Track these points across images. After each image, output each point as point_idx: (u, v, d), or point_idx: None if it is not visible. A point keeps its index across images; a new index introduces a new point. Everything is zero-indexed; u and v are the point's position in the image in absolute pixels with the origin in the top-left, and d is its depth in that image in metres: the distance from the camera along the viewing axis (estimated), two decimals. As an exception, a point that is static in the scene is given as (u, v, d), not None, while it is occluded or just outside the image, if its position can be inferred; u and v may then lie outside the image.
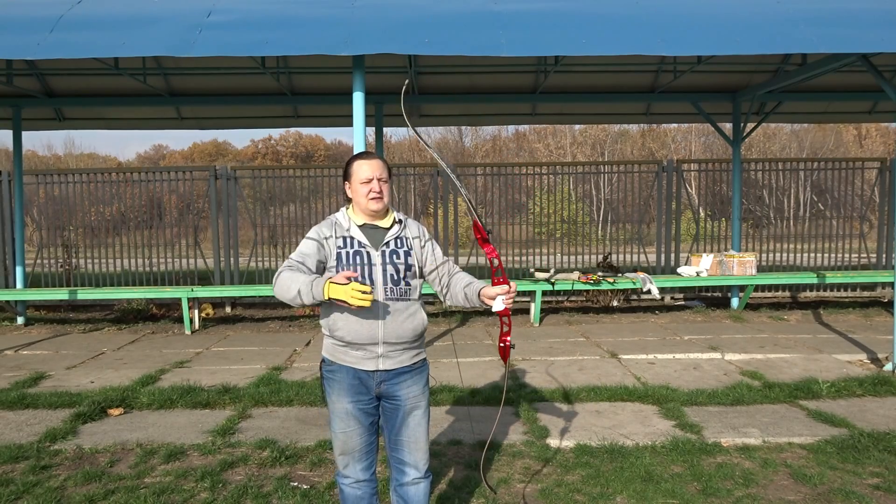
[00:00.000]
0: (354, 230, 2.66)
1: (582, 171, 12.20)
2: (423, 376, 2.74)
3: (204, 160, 40.40)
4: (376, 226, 2.69)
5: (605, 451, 4.13)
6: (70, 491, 3.67)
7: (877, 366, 6.26)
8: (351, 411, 2.63)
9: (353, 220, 2.70)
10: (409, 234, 2.73)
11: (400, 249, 2.66)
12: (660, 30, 5.92)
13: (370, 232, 2.67)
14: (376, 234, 2.67)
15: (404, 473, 2.69)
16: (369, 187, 2.63)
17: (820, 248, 11.00)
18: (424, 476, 2.71)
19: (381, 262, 2.62)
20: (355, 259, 2.61)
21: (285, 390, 5.45)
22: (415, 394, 2.68)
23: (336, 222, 2.70)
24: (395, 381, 2.64)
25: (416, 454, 2.68)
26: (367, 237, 2.65)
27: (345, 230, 2.67)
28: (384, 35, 5.82)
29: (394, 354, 2.62)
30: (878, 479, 3.73)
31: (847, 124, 32.95)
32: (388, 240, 2.66)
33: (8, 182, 10.38)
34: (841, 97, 9.76)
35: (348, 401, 2.63)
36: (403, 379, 2.66)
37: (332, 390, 2.67)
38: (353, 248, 2.63)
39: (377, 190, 2.63)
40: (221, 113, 10.67)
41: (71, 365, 6.67)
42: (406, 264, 2.65)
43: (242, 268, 10.73)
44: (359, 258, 2.61)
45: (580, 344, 7.35)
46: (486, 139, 41.50)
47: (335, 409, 2.67)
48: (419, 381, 2.71)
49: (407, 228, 2.75)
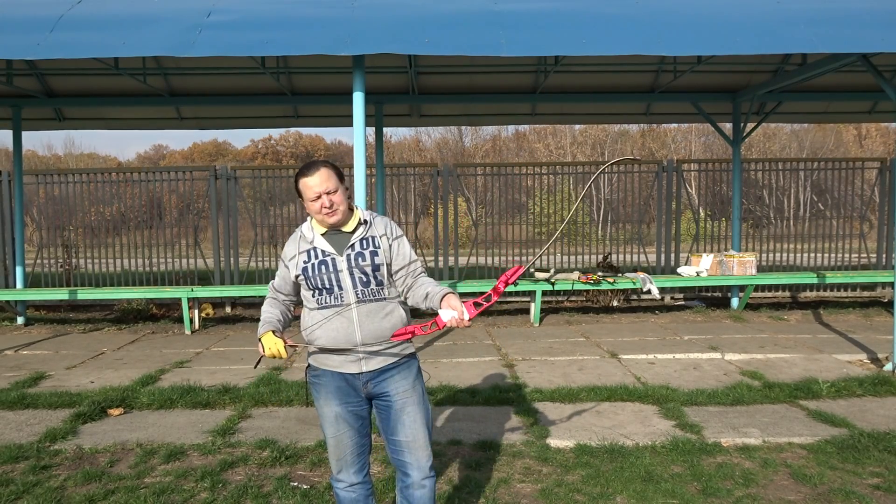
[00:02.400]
0: (318, 240, 2.63)
1: (582, 171, 12.19)
2: (412, 370, 2.69)
3: (204, 160, 40.40)
4: (340, 231, 2.65)
5: (605, 451, 4.13)
6: (70, 491, 3.67)
7: (877, 366, 6.26)
8: (340, 414, 2.62)
9: (317, 229, 2.66)
10: (375, 232, 2.67)
11: (366, 250, 2.61)
12: (660, 30, 5.92)
13: (334, 238, 2.64)
14: (341, 240, 2.63)
15: (408, 475, 2.63)
16: (319, 203, 2.57)
17: (820, 248, 11.00)
18: (429, 475, 2.63)
19: (346, 266, 2.59)
20: (320, 269, 2.58)
21: (285, 390, 5.45)
22: (404, 388, 2.63)
23: (301, 236, 2.68)
24: (382, 378, 2.61)
25: (416, 453, 2.62)
26: (332, 244, 2.62)
27: (308, 242, 2.65)
28: (384, 35, 5.82)
29: (374, 355, 2.59)
30: (878, 479, 3.73)
31: (847, 124, 32.94)
32: (353, 242, 2.62)
33: (8, 182, 10.38)
34: (841, 97, 9.76)
35: (336, 404, 2.62)
36: (390, 375, 2.62)
37: (319, 395, 2.67)
38: (319, 258, 2.60)
39: (327, 205, 2.57)
40: (221, 113, 10.67)
41: (71, 365, 6.66)
42: (373, 264, 2.60)
43: (242, 268, 10.73)
44: (324, 267, 2.58)
45: (580, 344, 7.35)
46: (486, 139, 41.52)
47: (324, 414, 2.66)
48: (407, 375, 2.66)
49: (373, 227, 2.68)
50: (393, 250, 2.66)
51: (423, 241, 11.24)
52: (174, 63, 8.73)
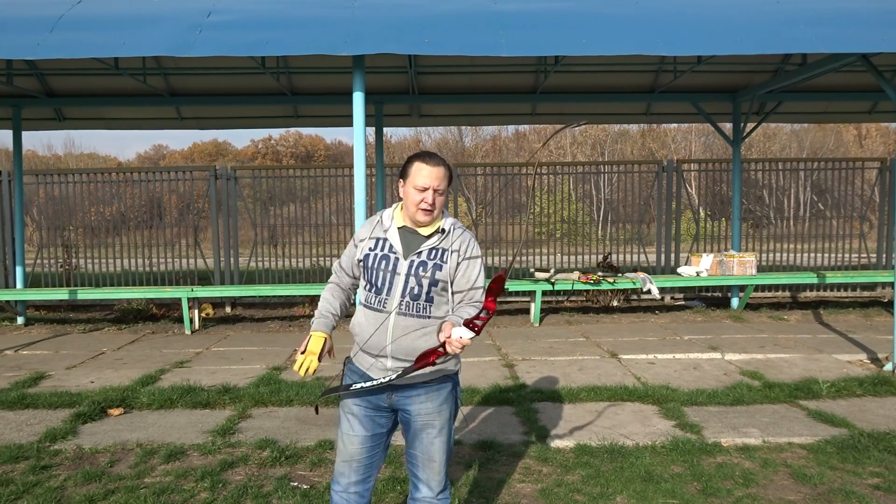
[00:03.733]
0: (392, 232, 2.49)
1: (582, 171, 12.20)
2: (441, 394, 2.52)
3: (204, 160, 40.40)
4: (416, 232, 2.48)
5: (605, 451, 4.13)
6: (70, 491, 3.67)
7: (877, 366, 6.26)
8: (357, 414, 2.53)
9: (396, 221, 2.51)
10: (448, 245, 2.47)
11: (430, 261, 2.42)
12: (660, 30, 5.93)
13: (408, 237, 2.47)
14: (413, 241, 2.47)
15: (417, 489, 2.57)
16: (422, 197, 2.40)
17: (820, 248, 10.99)
18: (437, 497, 2.55)
19: (405, 272, 2.43)
20: (380, 264, 2.45)
21: (285, 390, 5.45)
22: (427, 411, 2.49)
23: (380, 221, 2.54)
24: (406, 394, 2.49)
25: (427, 472, 2.54)
26: (403, 242, 2.47)
27: (383, 230, 2.50)
28: (384, 35, 5.82)
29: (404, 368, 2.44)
30: (878, 479, 3.73)
31: (847, 124, 32.94)
32: (422, 249, 2.45)
33: (8, 182, 10.38)
34: (841, 97, 9.76)
35: (357, 402, 2.53)
36: (417, 394, 2.49)
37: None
38: (383, 251, 2.47)
39: (429, 201, 2.40)
40: (221, 113, 10.67)
41: (71, 365, 6.66)
42: (431, 279, 2.42)
43: (242, 268, 10.72)
44: (384, 263, 2.45)
45: (580, 344, 7.35)
46: (486, 139, 41.52)
47: (344, 409, 2.56)
48: (435, 399, 2.50)
49: (448, 239, 2.48)
50: (459, 270, 2.47)
51: (423, 241, 11.22)
52: (174, 63, 8.73)
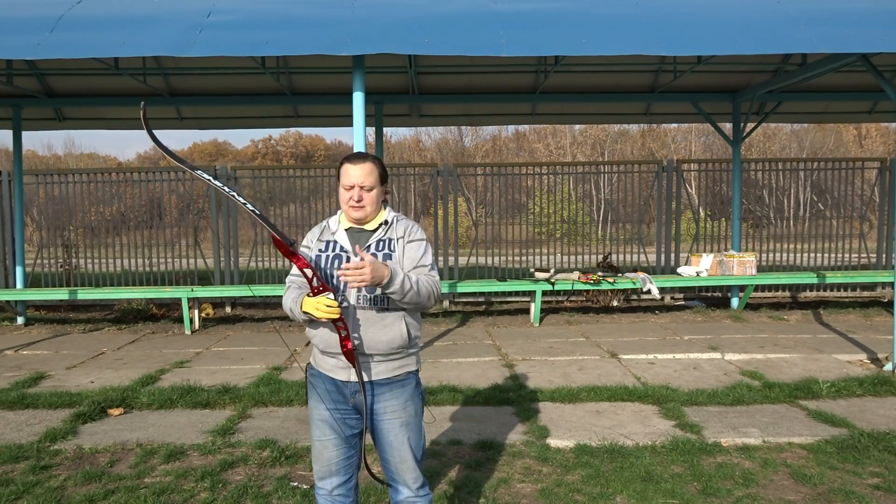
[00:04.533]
0: (340, 234, 2.55)
1: (582, 171, 12.20)
2: (406, 390, 2.53)
3: (204, 160, 40.39)
4: (362, 229, 2.56)
5: (605, 451, 4.13)
6: (70, 491, 3.67)
7: (877, 366, 6.26)
8: (327, 419, 2.52)
9: (342, 224, 2.59)
10: (394, 234, 2.54)
11: (379, 252, 2.49)
12: (660, 30, 5.92)
13: (355, 235, 2.55)
14: (361, 238, 2.54)
15: (398, 491, 2.58)
16: (350, 195, 2.50)
17: (820, 248, 10.99)
18: (417, 495, 2.56)
19: None
20: (333, 263, 2.49)
21: (285, 390, 5.45)
22: (393, 408, 2.50)
23: (326, 226, 2.62)
24: (371, 392, 2.49)
25: (403, 473, 2.54)
26: (351, 241, 2.53)
27: (331, 234, 2.57)
28: (384, 35, 5.82)
29: (367, 366, 2.47)
30: (878, 479, 3.73)
31: (847, 124, 32.94)
32: (370, 243, 2.52)
33: (8, 182, 10.37)
34: (841, 97, 9.76)
35: (325, 407, 2.52)
36: (381, 392, 2.49)
37: (310, 396, 2.59)
38: (334, 251, 2.52)
39: (356, 199, 2.49)
40: (221, 113, 10.67)
41: (71, 365, 6.66)
42: None
43: (242, 268, 10.73)
44: (337, 262, 2.49)
45: (580, 344, 7.35)
46: (486, 139, 41.52)
47: (312, 416, 2.57)
48: (399, 396, 2.51)
49: (393, 229, 2.55)
50: (405, 252, 2.51)
51: (423, 241, 11.22)
52: (174, 63, 8.73)
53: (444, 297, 10.10)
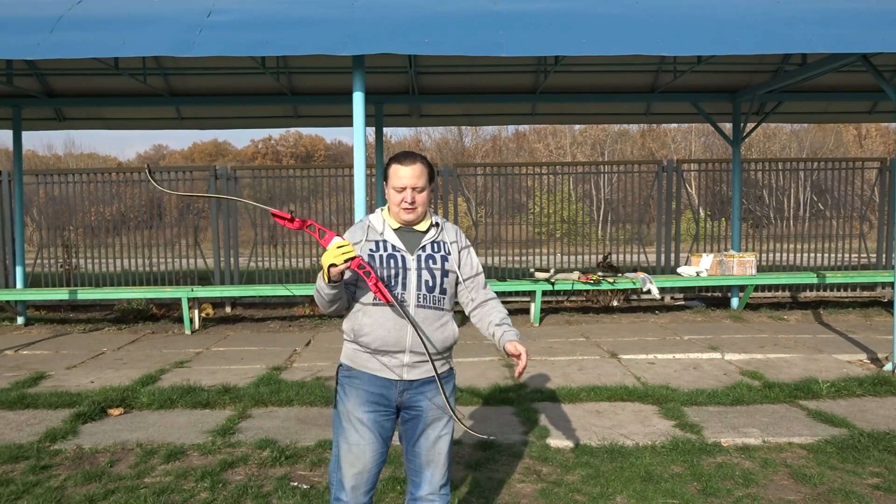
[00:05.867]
0: (389, 234, 2.51)
1: (582, 171, 12.21)
2: (449, 386, 2.57)
3: (204, 160, 40.40)
4: (412, 229, 2.53)
5: (605, 451, 4.13)
6: (70, 491, 3.67)
7: (877, 366, 6.26)
8: (366, 422, 2.46)
9: (388, 223, 2.53)
10: (446, 238, 2.56)
11: (437, 254, 2.50)
12: (660, 30, 5.92)
13: (406, 236, 2.51)
14: (412, 238, 2.51)
15: (419, 487, 2.54)
16: (401, 196, 2.46)
17: (820, 248, 11.00)
18: (440, 494, 2.53)
19: (416, 266, 2.47)
20: (389, 262, 2.45)
21: (285, 390, 5.45)
22: (440, 405, 2.50)
23: (369, 226, 2.54)
24: (419, 390, 2.49)
25: (433, 470, 2.52)
26: (403, 241, 2.50)
27: (378, 234, 2.51)
28: (384, 35, 5.82)
29: (419, 364, 2.47)
30: (878, 479, 3.73)
31: (847, 124, 32.95)
32: (425, 244, 2.50)
33: (8, 182, 10.37)
34: (841, 97, 9.76)
35: (366, 410, 2.46)
36: (428, 389, 2.50)
37: (348, 398, 2.49)
38: (388, 251, 2.47)
39: (409, 201, 2.45)
40: (221, 113, 10.67)
41: (71, 365, 6.66)
42: (443, 270, 2.50)
43: (242, 268, 10.73)
44: (393, 261, 2.45)
45: (580, 344, 7.35)
46: (486, 139, 41.54)
47: (351, 419, 2.47)
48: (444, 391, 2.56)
49: (444, 232, 2.57)
50: (462, 259, 2.58)
51: (423, 241, 11.23)
52: (174, 63, 8.73)
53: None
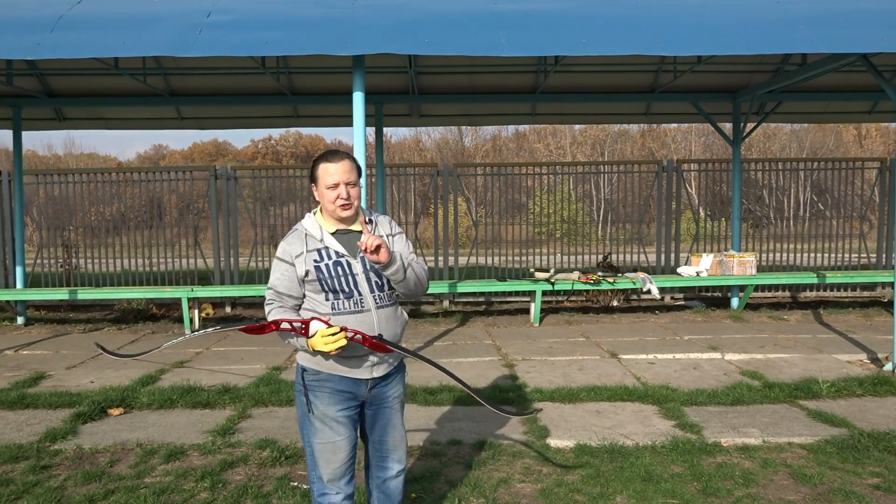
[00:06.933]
0: (328, 239, 2.50)
1: (582, 171, 12.21)
2: (403, 372, 2.76)
3: (204, 160, 40.40)
4: (349, 230, 2.53)
5: (605, 451, 4.13)
6: (70, 491, 3.67)
7: (877, 366, 6.26)
8: (341, 419, 2.53)
9: (325, 227, 2.53)
10: (381, 232, 2.59)
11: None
12: (660, 30, 5.92)
13: (344, 238, 2.51)
14: (351, 240, 2.51)
15: (387, 469, 2.69)
16: (336, 193, 2.45)
17: (820, 248, 10.99)
18: (404, 466, 2.73)
19: (362, 270, 2.49)
20: (337, 271, 2.46)
21: (285, 390, 5.45)
22: (398, 393, 2.69)
23: (307, 234, 2.53)
24: (384, 383, 2.62)
25: (398, 451, 2.70)
26: (343, 245, 2.50)
27: (317, 241, 2.51)
28: (384, 35, 5.82)
29: (385, 359, 2.58)
30: (878, 479, 3.73)
31: (847, 124, 32.95)
32: None
33: (8, 182, 10.37)
34: (841, 97, 9.76)
35: (339, 409, 2.52)
36: (391, 380, 2.65)
37: (317, 400, 2.52)
38: (332, 258, 2.48)
39: (344, 196, 2.44)
40: (221, 113, 10.67)
41: (71, 365, 6.66)
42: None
43: (242, 268, 10.72)
44: (340, 269, 2.47)
45: (580, 344, 7.35)
46: (486, 139, 41.54)
47: (325, 420, 2.52)
48: (401, 380, 2.72)
49: (379, 227, 2.60)
50: (396, 247, 2.58)
51: (423, 241, 11.24)
52: (174, 63, 8.73)
53: (444, 297, 10.10)
